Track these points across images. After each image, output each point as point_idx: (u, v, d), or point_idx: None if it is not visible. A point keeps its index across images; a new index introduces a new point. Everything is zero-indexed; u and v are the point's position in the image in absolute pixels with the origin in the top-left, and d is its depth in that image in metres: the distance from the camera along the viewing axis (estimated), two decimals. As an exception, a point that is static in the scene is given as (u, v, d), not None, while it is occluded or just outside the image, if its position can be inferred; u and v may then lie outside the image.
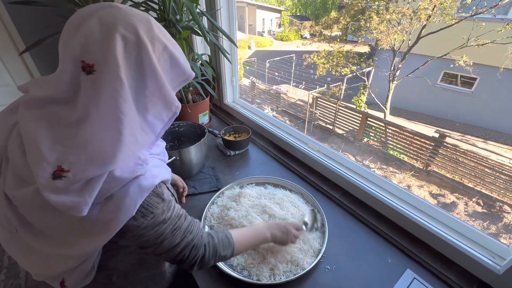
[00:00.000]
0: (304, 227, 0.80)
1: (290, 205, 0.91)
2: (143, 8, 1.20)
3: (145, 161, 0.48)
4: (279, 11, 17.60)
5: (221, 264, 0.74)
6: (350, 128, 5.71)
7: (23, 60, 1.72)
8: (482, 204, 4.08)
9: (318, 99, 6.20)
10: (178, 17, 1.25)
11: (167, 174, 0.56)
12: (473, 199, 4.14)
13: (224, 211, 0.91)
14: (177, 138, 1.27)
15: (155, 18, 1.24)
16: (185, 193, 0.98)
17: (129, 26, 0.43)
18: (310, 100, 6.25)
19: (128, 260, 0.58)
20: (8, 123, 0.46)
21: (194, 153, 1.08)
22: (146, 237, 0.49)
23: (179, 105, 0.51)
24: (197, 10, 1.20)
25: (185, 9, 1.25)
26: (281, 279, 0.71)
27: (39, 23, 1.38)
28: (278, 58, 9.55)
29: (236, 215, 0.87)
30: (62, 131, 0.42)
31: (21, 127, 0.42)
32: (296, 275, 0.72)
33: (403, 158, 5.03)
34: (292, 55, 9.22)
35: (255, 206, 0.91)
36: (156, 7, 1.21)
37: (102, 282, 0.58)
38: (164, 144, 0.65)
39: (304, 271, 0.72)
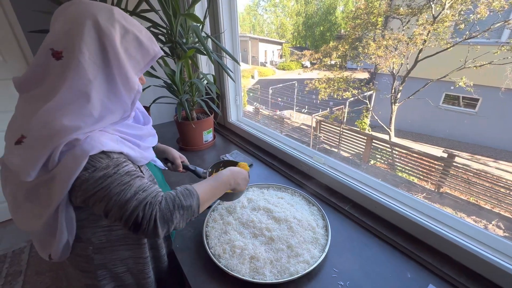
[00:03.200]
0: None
1: (292, 208, 0.87)
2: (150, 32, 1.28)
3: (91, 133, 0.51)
4: (280, 43, 18.64)
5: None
6: (355, 151, 5.66)
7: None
8: (503, 228, 3.83)
9: (322, 123, 6.25)
10: (184, 40, 1.33)
11: (127, 150, 0.56)
12: (493, 222, 3.90)
13: (224, 217, 0.88)
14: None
15: (162, 41, 1.32)
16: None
17: (90, 15, 0.50)
18: (314, 124, 6.31)
19: (99, 233, 0.60)
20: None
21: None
22: (92, 190, 0.49)
23: (139, 88, 0.56)
24: (203, 33, 1.28)
25: (191, 32, 1.33)
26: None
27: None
28: (281, 85, 9.89)
29: (235, 222, 0.83)
30: (31, 107, 0.49)
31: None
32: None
33: (413, 180, 4.88)
34: (294, 82, 9.55)
35: (256, 208, 0.88)
36: (164, 31, 1.29)
37: (82, 255, 0.61)
38: (147, 131, 0.68)
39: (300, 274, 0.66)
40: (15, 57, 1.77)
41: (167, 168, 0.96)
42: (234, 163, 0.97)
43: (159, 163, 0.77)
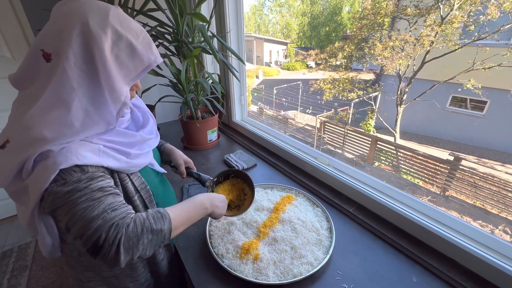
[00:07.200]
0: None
1: (296, 209, 0.87)
2: (155, 32, 1.29)
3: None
4: (285, 44, 18.60)
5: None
6: (360, 152, 5.61)
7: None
8: (511, 233, 3.76)
9: (326, 124, 6.22)
10: (190, 39, 1.33)
11: (108, 162, 0.52)
12: (499, 227, 3.83)
13: (227, 217, 0.88)
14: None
15: (168, 40, 1.32)
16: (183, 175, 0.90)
17: (81, 17, 0.46)
18: (318, 125, 6.28)
19: None
20: None
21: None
22: (59, 203, 0.46)
23: (127, 95, 0.52)
24: (208, 33, 1.28)
25: (197, 31, 1.34)
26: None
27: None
28: (285, 85, 9.87)
29: (238, 222, 0.83)
30: (20, 110, 0.48)
31: None
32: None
33: (418, 182, 4.82)
34: (298, 82, 9.52)
35: (259, 209, 0.87)
36: (171, 30, 1.30)
37: (72, 256, 0.62)
38: (141, 137, 0.62)
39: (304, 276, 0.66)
40: (24, 55, 1.80)
41: (166, 172, 0.84)
42: (243, 174, 0.89)
43: (157, 167, 0.72)
